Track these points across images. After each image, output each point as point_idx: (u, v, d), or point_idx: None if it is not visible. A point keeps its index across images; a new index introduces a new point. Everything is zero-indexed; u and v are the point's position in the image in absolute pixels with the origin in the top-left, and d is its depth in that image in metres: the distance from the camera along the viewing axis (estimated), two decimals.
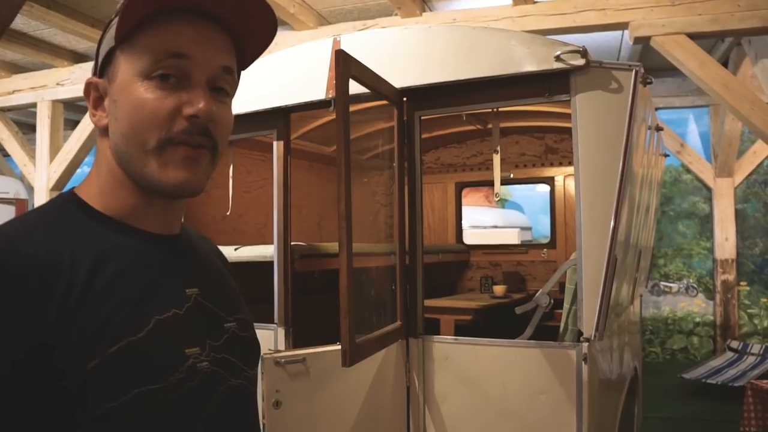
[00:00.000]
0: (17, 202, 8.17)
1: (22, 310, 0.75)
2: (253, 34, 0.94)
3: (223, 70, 0.91)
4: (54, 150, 6.55)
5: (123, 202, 0.91)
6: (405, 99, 2.68)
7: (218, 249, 1.16)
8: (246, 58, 0.97)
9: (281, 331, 2.71)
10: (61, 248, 0.81)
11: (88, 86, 0.93)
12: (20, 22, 5.58)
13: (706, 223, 7.95)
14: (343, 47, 2.56)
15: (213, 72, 0.89)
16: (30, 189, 7.51)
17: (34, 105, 6.69)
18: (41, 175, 6.52)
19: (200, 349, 0.89)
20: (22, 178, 8.34)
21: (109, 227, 0.88)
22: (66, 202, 0.90)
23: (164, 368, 0.83)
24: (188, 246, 1.02)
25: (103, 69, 0.91)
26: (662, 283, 8.03)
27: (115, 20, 0.88)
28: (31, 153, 6.80)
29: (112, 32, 0.89)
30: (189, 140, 0.87)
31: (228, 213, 3.24)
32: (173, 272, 0.93)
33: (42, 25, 5.65)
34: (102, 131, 0.92)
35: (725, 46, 6.05)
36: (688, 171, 7.92)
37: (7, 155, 8.32)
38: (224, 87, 0.92)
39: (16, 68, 6.87)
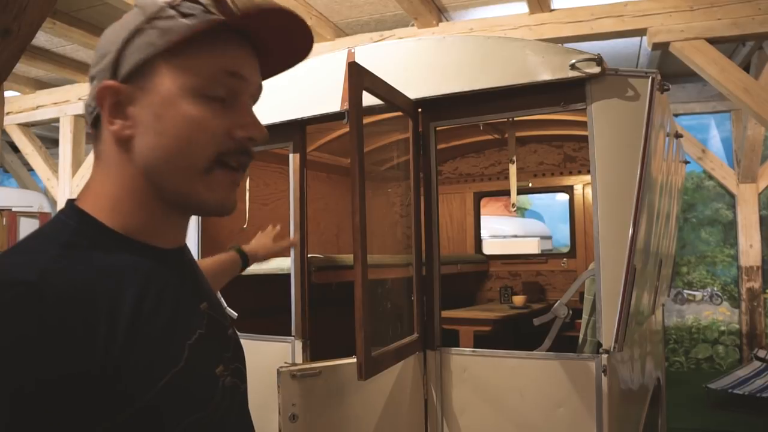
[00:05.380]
0: (40, 216, 8.30)
1: (65, 333, 0.69)
2: (284, 56, 0.93)
3: (258, 88, 0.91)
4: (76, 164, 6.66)
5: (142, 221, 0.86)
6: (420, 110, 2.68)
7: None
8: (265, 74, 0.94)
9: (298, 344, 2.71)
10: (92, 278, 0.76)
11: (104, 91, 0.83)
12: (43, 39, 5.68)
13: (729, 230, 7.83)
14: (358, 59, 2.57)
15: (255, 92, 0.90)
16: (53, 202, 7.64)
17: (57, 120, 6.82)
18: (64, 189, 6.63)
19: (223, 366, 0.89)
20: (45, 192, 8.48)
21: (126, 250, 0.83)
22: (78, 223, 0.83)
23: (205, 395, 0.83)
24: (187, 255, 0.98)
25: (131, 75, 0.83)
26: (686, 291, 7.92)
27: (155, 27, 0.83)
28: (54, 167, 6.91)
29: (149, 38, 0.83)
30: (234, 160, 0.86)
31: (245, 226, 3.26)
32: (188, 290, 0.92)
33: (65, 42, 5.75)
34: (122, 142, 0.84)
35: (746, 50, 5.97)
36: (711, 177, 7.81)
37: (31, 169, 8.45)
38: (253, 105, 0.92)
39: (40, 84, 7.00)
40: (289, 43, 0.91)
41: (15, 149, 8.78)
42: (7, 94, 6.79)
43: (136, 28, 0.85)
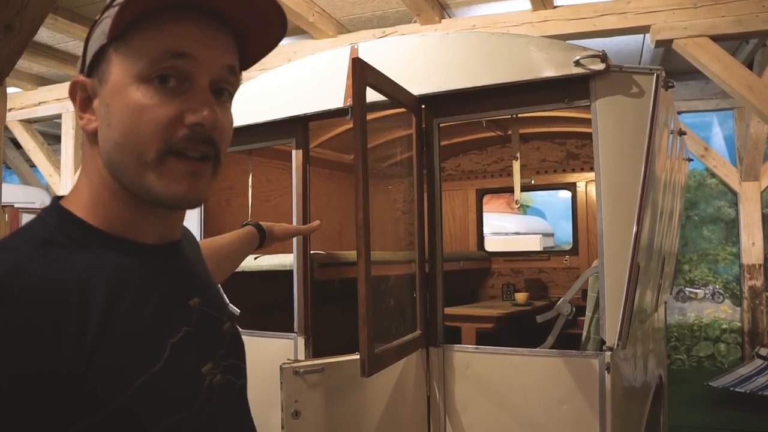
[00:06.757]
0: None
1: (31, 331, 0.68)
2: (259, 32, 0.86)
3: (227, 70, 0.84)
4: (78, 160, 6.66)
5: (119, 215, 0.83)
6: (423, 106, 2.67)
7: (190, 233, 1.06)
8: (249, 57, 0.89)
9: (301, 341, 2.71)
10: (65, 277, 0.74)
11: (74, 86, 0.84)
12: (45, 36, 5.68)
13: (732, 228, 7.82)
14: (361, 55, 2.56)
15: (216, 73, 0.82)
16: None
17: (59, 116, 6.81)
18: (66, 185, 6.63)
19: (212, 363, 0.87)
20: (48, 188, 8.48)
21: (108, 247, 0.81)
22: (58, 221, 0.81)
23: (187, 395, 0.81)
24: (184, 248, 0.95)
25: (92, 68, 0.83)
26: (687, 289, 7.91)
27: (108, 15, 0.81)
28: (56, 163, 6.91)
29: (103, 28, 0.81)
30: (191, 149, 0.80)
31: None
32: (176, 286, 0.88)
33: (66, 38, 5.74)
34: (91, 136, 0.84)
35: (749, 47, 5.95)
36: (713, 175, 7.79)
37: (33, 166, 8.45)
38: (227, 88, 0.85)
39: (42, 80, 6.99)
40: (258, 22, 0.85)
41: (17, 145, 8.78)
42: (9, 90, 6.78)
43: (99, 18, 0.84)
